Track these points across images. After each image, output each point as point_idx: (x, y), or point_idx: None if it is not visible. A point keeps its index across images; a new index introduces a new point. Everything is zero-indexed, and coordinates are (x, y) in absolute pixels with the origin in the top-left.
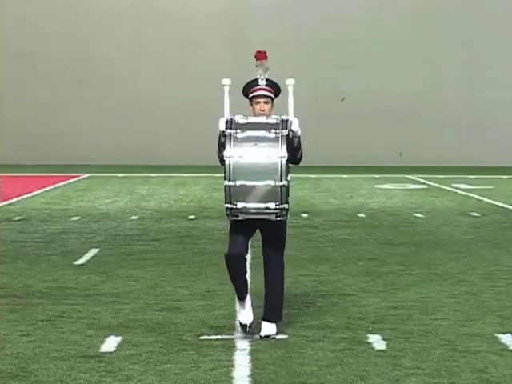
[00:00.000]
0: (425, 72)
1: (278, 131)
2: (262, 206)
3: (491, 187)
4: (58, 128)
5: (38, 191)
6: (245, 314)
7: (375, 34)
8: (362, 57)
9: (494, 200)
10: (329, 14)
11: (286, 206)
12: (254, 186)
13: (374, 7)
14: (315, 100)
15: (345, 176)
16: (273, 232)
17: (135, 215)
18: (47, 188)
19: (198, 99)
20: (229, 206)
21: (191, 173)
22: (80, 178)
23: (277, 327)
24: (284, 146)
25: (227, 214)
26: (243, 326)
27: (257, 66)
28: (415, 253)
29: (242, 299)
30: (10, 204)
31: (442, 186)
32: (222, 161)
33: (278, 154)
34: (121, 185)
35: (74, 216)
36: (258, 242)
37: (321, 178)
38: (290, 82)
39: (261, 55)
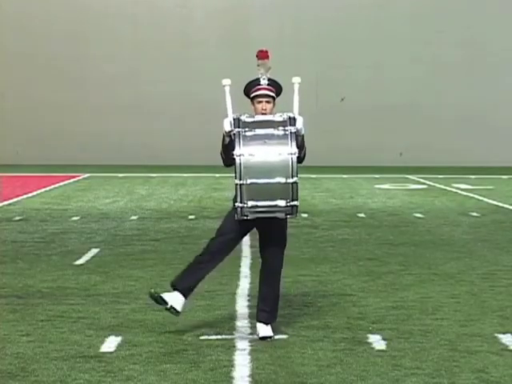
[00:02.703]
0: (425, 71)
1: (286, 128)
2: (273, 203)
3: (491, 187)
4: (58, 128)
5: (38, 191)
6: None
7: (375, 34)
8: (361, 56)
9: (494, 200)
10: (329, 13)
11: (296, 202)
12: (264, 184)
13: (373, 7)
14: (315, 100)
15: (345, 176)
16: (276, 231)
17: (135, 215)
18: (47, 188)
19: (198, 99)
20: (240, 205)
21: (191, 173)
22: (80, 177)
23: (272, 327)
24: (294, 143)
25: (236, 214)
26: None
27: (258, 65)
28: (415, 253)
29: (184, 292)
30: (9, 204)
31: (442, 186)
32: (231, 159)
33: (288, 150)
34: (121, 185)
35: (74, 216)
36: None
37: (321, 178)
38: (296, 80)
39: (262, 54)
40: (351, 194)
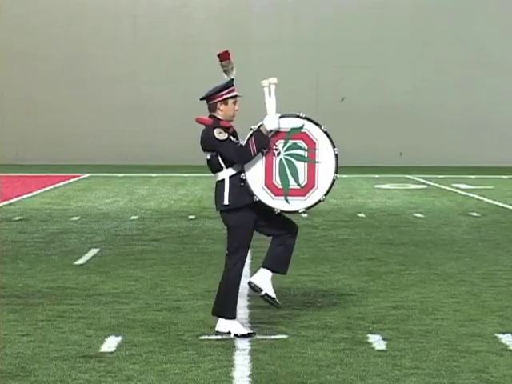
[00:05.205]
0: (425, 72)
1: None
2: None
3: (491, 187)
4: (58, 128)
5: (38, 191)
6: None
7: (375, 34)
8: (361, 56)
9: (494, 200)
10: (329, 14)
11: None
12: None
13: (373, 7)
14: (315, 100)
15: (345, 176)
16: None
17: (135, 215)
18: (47, 188)
19: (198, 99)
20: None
21: (191, 173)
22: (80, 177)
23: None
24: None
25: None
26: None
27: (225, 66)
28: (415, 253)
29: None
30: (10, 204)
31: (442, 186)
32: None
33: None
34: (121, 185)
35: (74, 216)
36: (256, 242)
37: None
38: (269, 81)
39: (226, 55)
40: (351, 194)
